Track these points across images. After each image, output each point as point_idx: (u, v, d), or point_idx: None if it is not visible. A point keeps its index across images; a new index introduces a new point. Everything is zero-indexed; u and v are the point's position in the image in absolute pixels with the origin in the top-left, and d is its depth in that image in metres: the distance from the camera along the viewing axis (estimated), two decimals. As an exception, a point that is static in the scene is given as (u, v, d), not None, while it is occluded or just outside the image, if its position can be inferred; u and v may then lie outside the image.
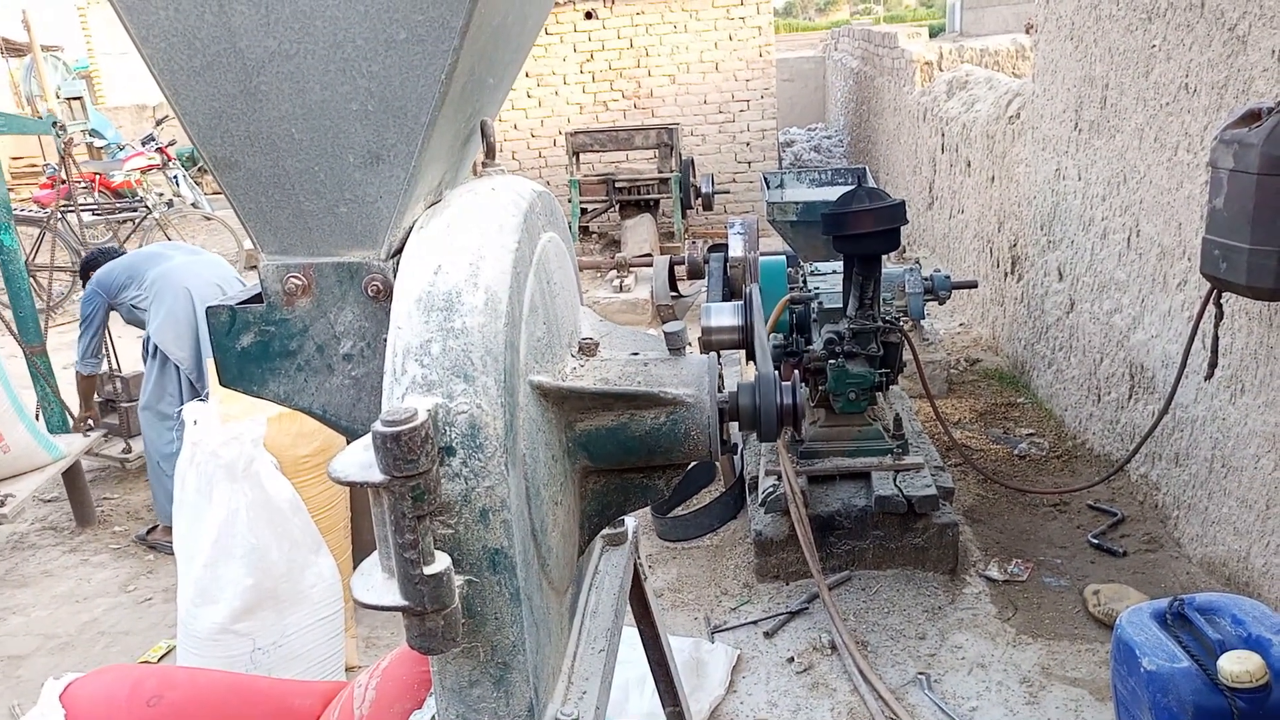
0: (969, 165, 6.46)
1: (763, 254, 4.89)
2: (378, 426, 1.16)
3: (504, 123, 10.65)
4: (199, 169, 16.64)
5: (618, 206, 9.72)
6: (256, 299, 1.48)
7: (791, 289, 3.98)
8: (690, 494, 4.44)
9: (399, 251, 1.44)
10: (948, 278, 4.33)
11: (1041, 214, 4.98)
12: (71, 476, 4.56)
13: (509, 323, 1.31)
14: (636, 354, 1.59)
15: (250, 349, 1.50)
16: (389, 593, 1.23)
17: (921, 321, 5.46)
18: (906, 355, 3.92)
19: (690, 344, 1.63)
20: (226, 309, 1.48)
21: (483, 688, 1.33)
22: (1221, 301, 2.99)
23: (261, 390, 1.52)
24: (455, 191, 1.49)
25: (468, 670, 1.32)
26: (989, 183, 5.99)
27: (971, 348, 6.21)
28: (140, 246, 9.90)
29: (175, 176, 13.27)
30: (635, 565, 2.11)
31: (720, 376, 1.64)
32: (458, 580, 1.26)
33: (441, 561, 1.22)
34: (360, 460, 1.22)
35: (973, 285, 5.23)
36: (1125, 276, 4.02)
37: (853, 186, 3.63)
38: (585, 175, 9.75)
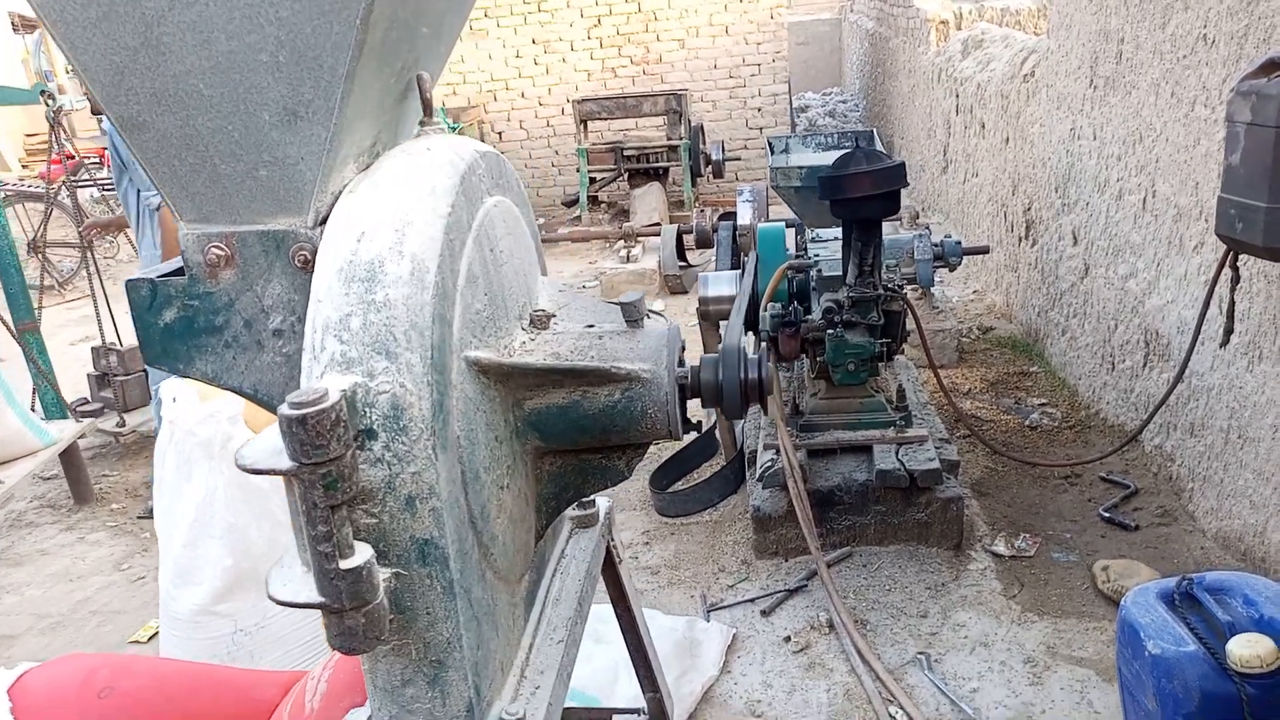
0: (983, 127, 6.27)
1: (766, 221, 4.76)
2: (283, 409, 1.06)
3: (510, 90, 10.50)
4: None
5: (626, 175, 9.57)
6: (179, 272, 1.39)
7: (797, 256, 3.85)
8: (691, 468, 4.34)
9: (328, 219, 1.33)
10: (959, 243, 4.18)
11: (1056, 176, 4.81)
12: (69, 455, 4.52)
13: (438, 294, 1.21)
14: (592, 326, 1.48)
15: (174, 325, 1.40)
16: (305, 588, 1.14)
17: (932, 289, 5.31)
18: (911, 325, 3.79)
19: (648, 315, 1.52)
20: (146, 283, 1.38)
21: (416, 687, 1.24)
22: (1238, 264, 2.84)
23: (188, 369, 1.43)
24: (390, 153, 1.38)
25: (399, 669, 1.23)
26: (1003, 144, 5.80)
27: (984, 315, 6.05)
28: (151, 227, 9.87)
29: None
30: (609, 548, 2.02)
31: (682, 349, 1.53)
32: (383, 573, 1.17)
33: (361, 554, 1.12)
34: (270, 446, 1.13)
35: (984, 251, 5.07)
36: (1141, 239, 3.86)
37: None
38: (593, 144, 9.60)
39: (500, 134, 10.62)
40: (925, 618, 3.20)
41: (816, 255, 3.65)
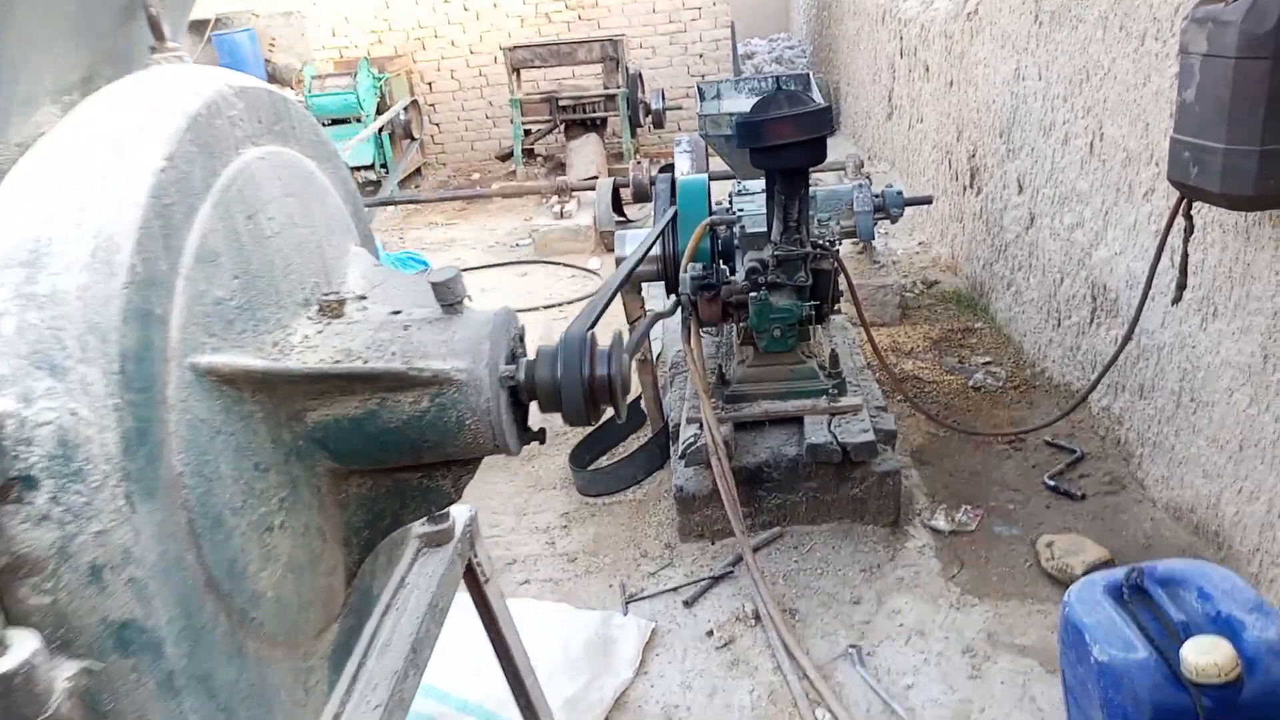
0: (927, 70, 5.96)
1: (686, 175, 4.44)
2: None
3: (440, 39, 9.98)
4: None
5: (562, 126, 9.15)
6: None
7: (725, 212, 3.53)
8: (614, 443, 4.06)
9: (7, 180, 0.99)
10: (900, 194, 3.90)
11: (1000, 120, 4.53)
12: None
13: (137, 282, 0.88)
14: (399, 313, 1.16)
15: None
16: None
17: (873, 242, 5.03)
18: (846, 284, 3.51)
19: (470, 297, 1.20)
20: None
21: (131, 810, 0.93)
22: (1191, 213, 2.58)
23: None
24: (100, 92, 1.04)
25: (105, 788, 0.92)
26: (947, 88, 5.51)
27: (929, 268, 5.80)
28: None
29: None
30: (473, 565, 1.72)
31: (519, 339, 1.22)
32: (67, 669, 0.86)
33: (19, 650, 0.81)
34: None
35: (927, 201, 4.80)
36: (1088, 186, 3.60)
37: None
38: (527, 94, 9.16)
39: (430, 84, 10.12)
40: (859, 604, 2.95)
41: (741, 210, 3.34)
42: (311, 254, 1.19)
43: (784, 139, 2.73)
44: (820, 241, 3.13)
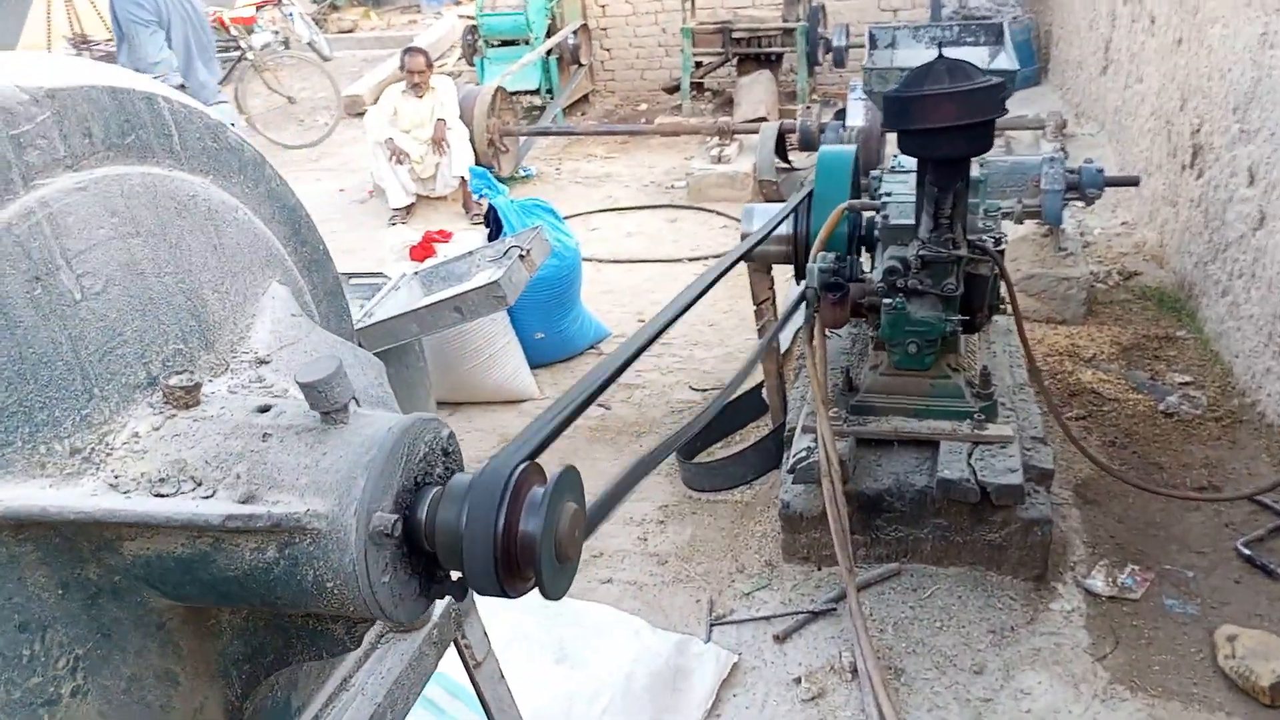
0: (1153, 21, 5.07)
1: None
2: None
3: (616, -39, 9.52)
4: (329, 5, 16.20)
5: (735, 60, 8.58)
6: None
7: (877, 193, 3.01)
8: (731, 430, 3.68)
9: None
10: (1100, 171, 3.27)
11: (1237, 92, 3.74)
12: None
13: None
14: (266, 410, 0.83)
15: None
16: None
17: (1061, 226, 4.35)
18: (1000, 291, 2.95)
19: (352, 401, 0.85)
20: None
21: None
22: None
23: None
24: None
25: None
26: (1175, 46, 4.65)
27: (1130, 255, 5.01)
28: (235, 92, 9.53)
29: (290, 14, 12.80)
30: (461, 651, 1.41)
31: (437, 457, 0.86)
32: None
33: None
34: None
35: (1133, 182, 4.06)
36: (1346, 190, 2.87)
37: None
38: (700, 23, 8.61)
39: (604, 7, 9.72)
40: (980, 674, 2.50)
41: (889, 194, 2.82)
42: (174, 311, 0.87)
43: (937, 122, 2.21)
44: (980, 241, 2.59)
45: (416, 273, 3.49)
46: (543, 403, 3.96)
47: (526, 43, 8.60)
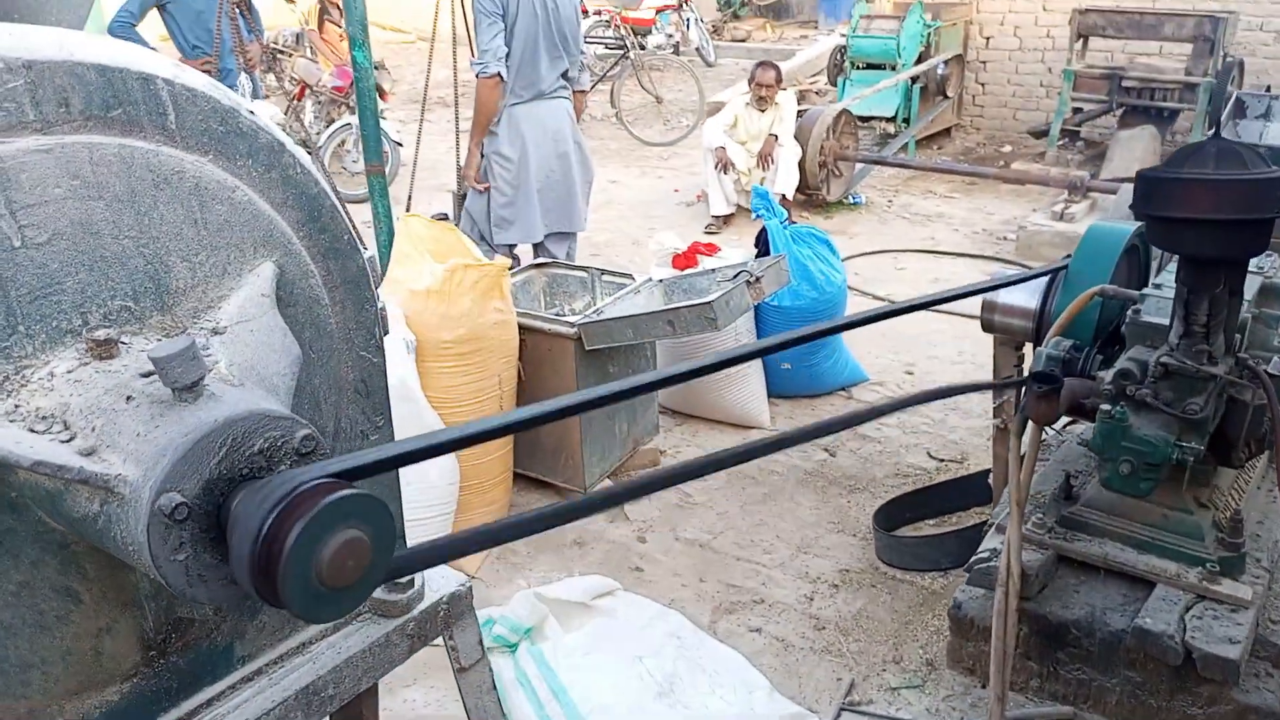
0: None
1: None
2: None
3: (1010, -8, 8.96)
4: (731, 14, 16.87)
5: (1119, 111, 7.76)
6: None
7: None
8: (948, 510, 3.39)
9: None
10: None
11: None
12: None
13: None
14: (149, 376, 0.91)
15: None
16: None
17: None
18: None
19: (214, 363, 0.90)
20: None
21: None
22: None
23: None
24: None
25: None
26: None
27: None
28: (611, 89, 10.24)
29: (689, 19, 13.50)
30: (451, 651, 1.45)
31: (274, 452, 0.89)
32: None
33: None
34: None
35: None
36: None
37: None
38: (1086, 66, 7.88)
39: (988, 39, 9.19)
40: None
41: (1157, 286, 2.40)
42: (127, 272, 0.98)
43: (1183, 211, 1.85)
44: (1254, 362, 2.15)
45: (661, 280, 3.57)
46: (770, 435, 3.88)
47: (893, 68, 8.39)
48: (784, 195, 6.56)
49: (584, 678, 2.47)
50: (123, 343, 0.95)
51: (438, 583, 1.42)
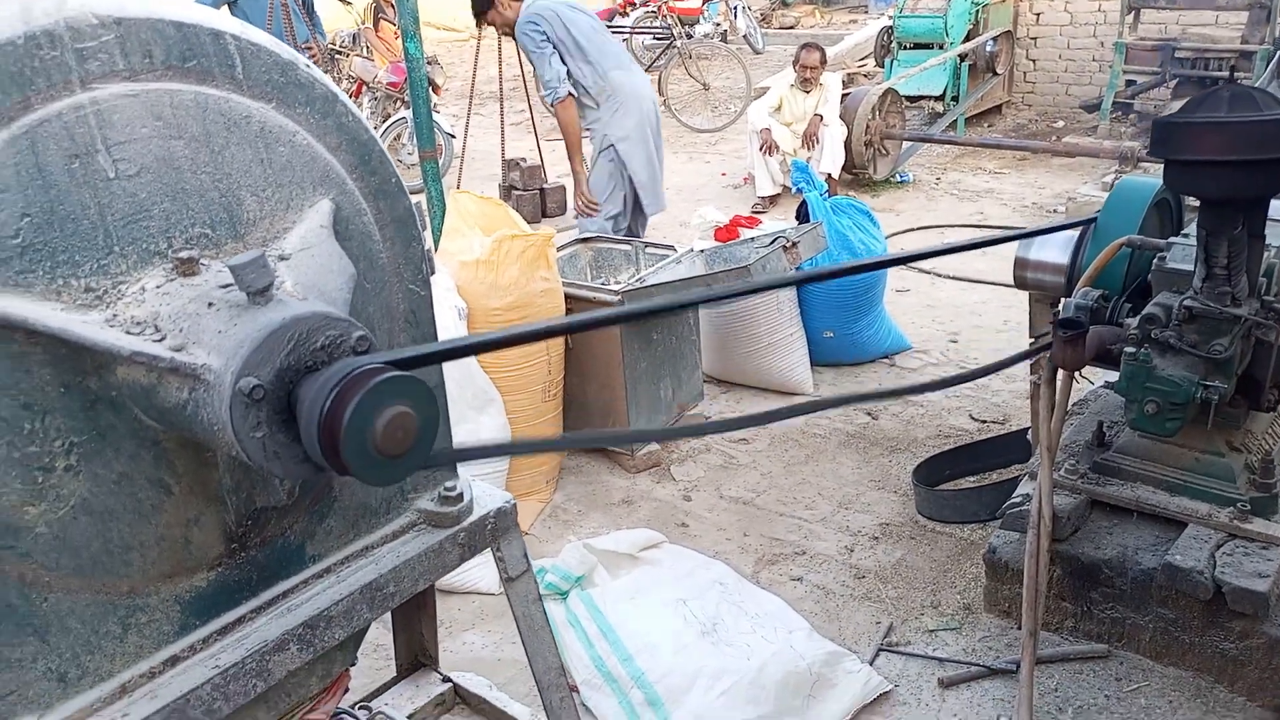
0: None
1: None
2: None
3: (1061, -36, 8.86)
4: (780, 1, 16.84)
5: (1173, 82, 7.63)
6: None
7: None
8: (988, 467, 3.44)
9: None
10: None
11: None
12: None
13: None
14: (228, 287, 1.06)
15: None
16: None
17: None
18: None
19: (280, 283, 1.05)
20: None
21: None
22: None
23: None
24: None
25: None
26: None
27: None
28: (659, 78, 10.34)
29: (736, 7, 13.52)
30: (498, 563, 1.58)
31: (334, 348, 1.03)
32: None
33: None
34: None
35: None
36: None
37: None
38: (1139, 38, 7.77)
39: (1038, 15, 9.10)
40: (1157, 794, 2.17)
41: (1185, 235, 2.45)
42: (205, 203, 1.13)
43: (1197, 154, 1.90)
44: (1278, 304, 2.19)
45: (703, 250, 3.67)
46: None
47: (941, 47, 8.35)
48: (829, 174, 6.61)
49: (630, 618, 2.60)
50: (203, 263, 1.10)
51: (485, 500, 1.56)
